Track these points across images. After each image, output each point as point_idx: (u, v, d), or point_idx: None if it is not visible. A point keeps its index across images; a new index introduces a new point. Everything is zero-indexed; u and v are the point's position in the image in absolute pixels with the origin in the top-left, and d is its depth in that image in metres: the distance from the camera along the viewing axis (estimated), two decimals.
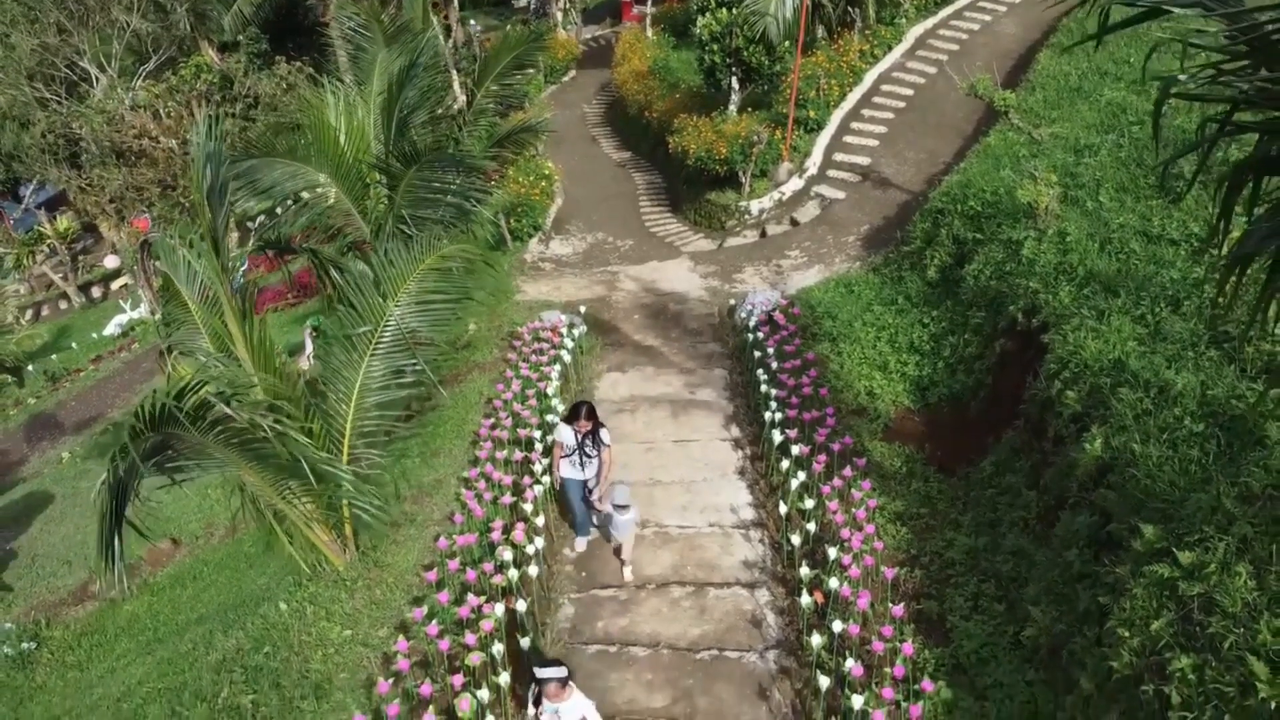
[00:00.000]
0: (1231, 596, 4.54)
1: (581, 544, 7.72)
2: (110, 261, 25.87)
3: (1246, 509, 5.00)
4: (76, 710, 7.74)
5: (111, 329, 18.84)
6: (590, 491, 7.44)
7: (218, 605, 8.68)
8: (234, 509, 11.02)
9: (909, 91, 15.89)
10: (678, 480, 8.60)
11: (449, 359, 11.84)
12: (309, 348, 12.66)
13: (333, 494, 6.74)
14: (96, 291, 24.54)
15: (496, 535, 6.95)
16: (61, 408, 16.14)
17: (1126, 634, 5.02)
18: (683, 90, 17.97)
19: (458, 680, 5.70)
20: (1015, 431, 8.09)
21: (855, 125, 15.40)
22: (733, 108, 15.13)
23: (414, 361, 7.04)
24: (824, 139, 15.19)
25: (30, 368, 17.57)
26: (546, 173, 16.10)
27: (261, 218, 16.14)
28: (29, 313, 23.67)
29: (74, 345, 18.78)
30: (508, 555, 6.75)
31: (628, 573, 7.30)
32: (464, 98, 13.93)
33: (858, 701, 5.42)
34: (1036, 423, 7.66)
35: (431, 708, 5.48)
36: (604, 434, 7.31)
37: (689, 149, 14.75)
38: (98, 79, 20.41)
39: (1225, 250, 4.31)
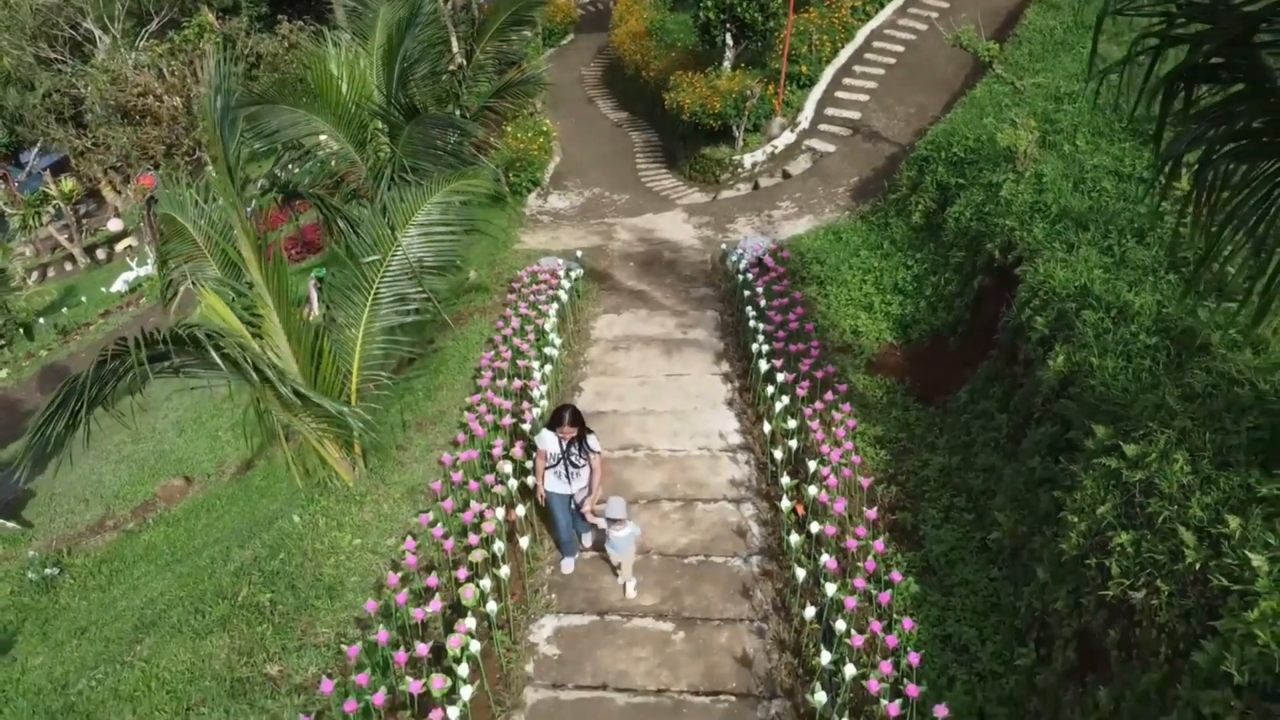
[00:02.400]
0: (1169, 480, 4.97)
1: (569, 565, 6.94)
2: (114, 224, 26.13)
3: (1187, 405, 5.43)
4: (101, 620, 8.20)
5: (119, 286, 19.20)
6: (579, 506, 6.80)
7: (232, 530, 9.12)
8: (244, 447, 11.56)
9: (900, 48, 16.17)
10: (669, 410, 9.02)
11: (451, 304, 12.26)
12: (314, 299, 13.04)
13: (338, 418, 7.14)
14: (101, 254, 24.82)
15: (497, 452, 7.38)
16: (72, 359, 16.56)
17: (1075, 519, 5.47)
18: (679, 50, 18.20)
19: (462, 574, 6.15)
20: (990, 361, 8.51)
21: (847, 81, 15.70)
22: (727, 64, 15.41)
23: (419, 290, 7.41)
24: (816, 94, 15.50)
25: (41, 320, 17.96)
26: (544, 129, 16.40)
27: (262, 181, 16.45)
28: (35, 274, 23.99)
29: (83, 300, 19.17)
30: (508, 468, 7.18)
31: (630, 589, 6.67)
32: (462, 60, 14.18)
33: (831, 589, 5.87)
34: (1009, 350, 8.07)
35: (437, 596, 5.92)
36: (592, 441, 6.60)
37: (684, 105, 15.05)
38: (101, 39, 20.61)
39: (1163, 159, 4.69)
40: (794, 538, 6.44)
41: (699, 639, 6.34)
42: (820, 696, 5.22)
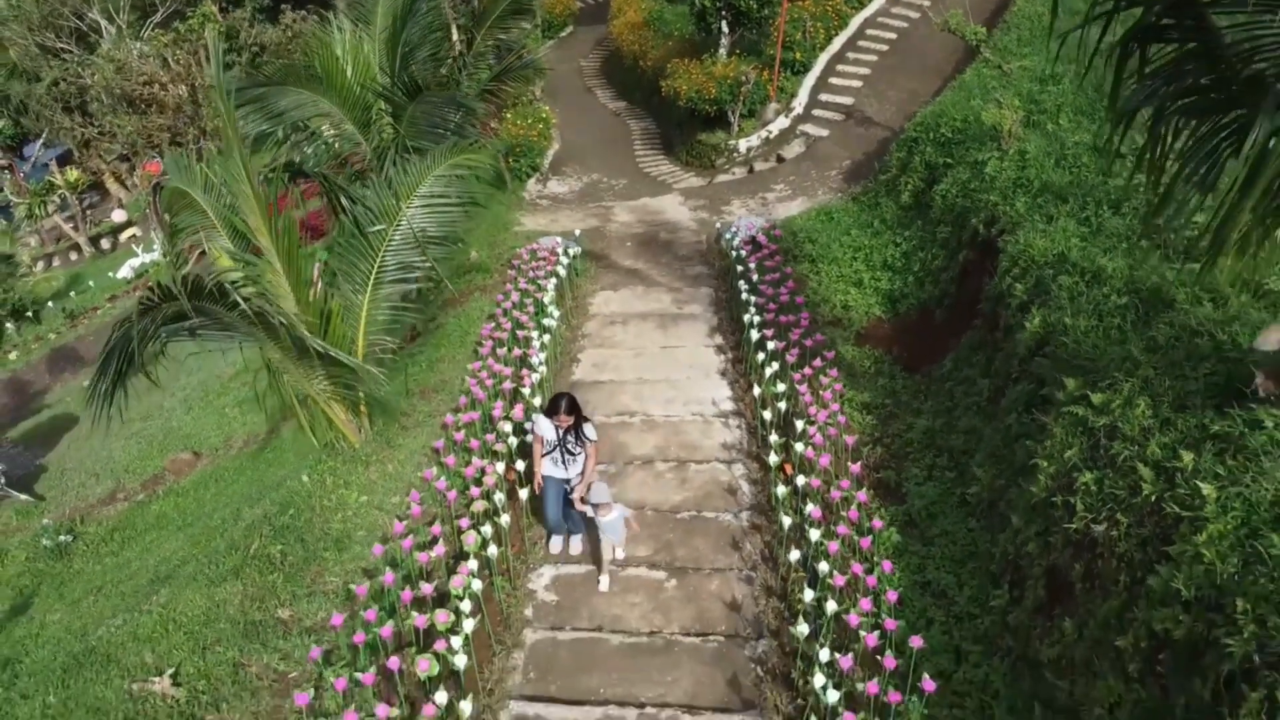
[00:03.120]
0: (1131, 424, 5.28)
1: (556, 544, 7.01)
2: (117, 215, 26.47)
3: (1151, 356, 5.74)
4: (117, 579, 8.52)
5: (125, 272, 19.51)
6: (570, 490, 6.75)
7: (242, 495, 9.43)
8: (250, 422, 11.87)
9: (892, 35, 16.48)
10: (664, 379, 9.32)
11: (453, 282, 12.56)
12: (318, 283, 13.38)
13: (347, 377, 7.44)
14: (105, 244, 25.16)
15: (497, 413, 7.69)
16: (80, 342, 16.87)
17: (1045, 464, 5.78)
18: (675, 39, 18.51)
19: (464, 524, 6.46)
20: (974, 330, 8.81)
21: (840, 67, 16.01)
22: (723, 51, 15.71)
23: (423, 259, 7.71)
24: (810, 80, 15.80)
25: (51, 304, 18.29)
26: (544, 116, 16.70)
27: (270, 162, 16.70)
28: (40, 263, 24.31)
29: (91, 284, 19.48)
30: (508, 428, 7.49)
31: (604, 582, 6.58)
32: (462, 48, 14.48)
33: (815, 534, 6.18)
34: (991, 318, 8.38)
35: (441, 541, 6.23)
36: (588, 429, 6.63)
37: (680, 91, 15.34)
38: (107, 30, 20.90)
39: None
40: (781, 489, 6.75)
41: (690, 586, 6.64)
42: (802, 629, 5.53)
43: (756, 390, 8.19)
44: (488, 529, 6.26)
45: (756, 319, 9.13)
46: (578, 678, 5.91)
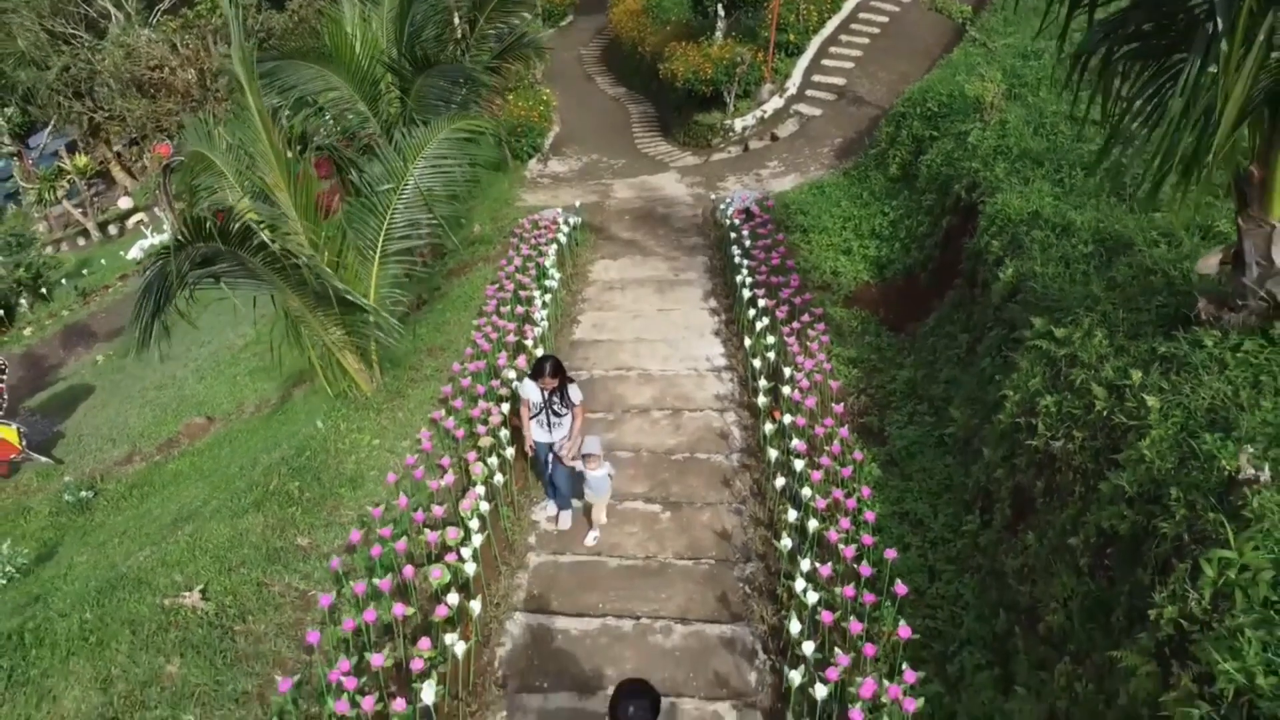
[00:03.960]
0: (1089, 352, 5.72)
1: (551, 508, 7.18)
2: (124, 202, 26.87)
3: (1110, 293, 6.19)
4: (141, 524, 8.94)
5: (134, 253, 19.91)
6: (556, 452, 6.80)
7: (258, 448, 9.85)
8: (262, 388, 12.30)
9: (884, 19, 16.91)
10: (660, 338, 9.76)
11: (456, 254, 13.01)
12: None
13: (360, 324, 7.88)
14: (113, 229, 25.57)
15: (502, 361, 8.13)
16: (93, 318, 17.31)
17: (1012, 393, 6.23)
18: (673, 24, 18.91)
19: (471, 457, 6.90)
20: (955, 290, 9.24)
21: (833, 49, 16.45)
22: (719, 34, 16.14)
23: (430, 215, 8.15)
24: (803, 62, 16.24)
25: (65, 281, 18.73)
26: (544, 98, 17.12)
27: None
28: (49, 248, 24.70)
29: (103, 262, 19.92)
30: (512, 374, 7.92)
31: (590, 537, 6.81)
32: (465, 30, 14.90)
33: (799, 465, 6.62)
34: (971, 275, 8.81)
35: (450, 471, 6.67)
36: (573, 391, 6.73)
37: (678, 73, 15.77)
38: (116, 17, 21.31)
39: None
40: (769, 427, 7.19)
41: (684, 518, 7.09)
42: (786, 543, 5.97)
43: (747, 342, 8.61)
44: (494, 460, 6.69)
45: (749, 279, 9.56)
46: (578, 595, 6.36)
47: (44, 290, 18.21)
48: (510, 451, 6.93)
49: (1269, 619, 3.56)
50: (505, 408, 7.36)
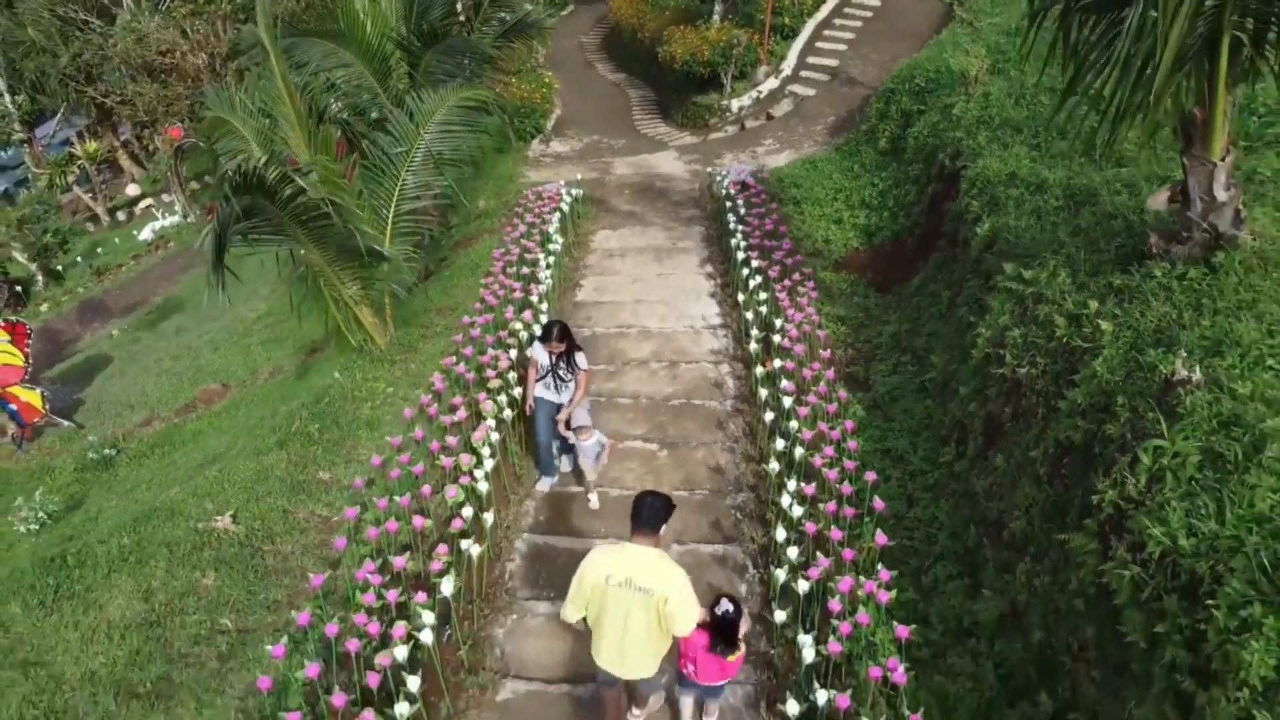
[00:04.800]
0: (1053, 289, 6.20)
1: (545, 485, 7.25)
2: (132, 189, 27.35)
3: (1075, 238, 6.67)
4: (165, 472, 9.43)
5: (146, 235, 20.40)
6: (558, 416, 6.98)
7: (277, 402, 10.33)
8: (275, 357, 12.77)
9: (877, 2, 17.39)
10: (659, 300, 10.23)
11: (461, 228, 13.50)
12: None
13: (376, 277, 8.35)
14: (122, 215, 26.03)
15: (509, 314, 8.61)
16: (107, 294, 17.78)
17: (984, 330, 6.71)
18: (672, 10, 19.36)
19: (482, 396, 7.37)
20: (939, 252, 9.71)
21: (827, 32, 16.92)
22: (716, 17, 16.61)
23: (440, 177, 8.62)
24: (798, 44, 16.72)
25: (80, 260, 19.23)
26: (546, 81, 17.60)
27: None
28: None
29: (116, 241, 20.39)
30: (518, 325, 8.41)
31: (594, 500, 6.99)
32: (468, 14, 15.35)
33: (787, 401, 7.11)
34: (953, 236, 9.28)
35: (463, 408, 7.15)
36: (579, 358, 6.89)
37: (676, 55, 16.24)
38: (126, 3, 21.74)
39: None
40: (759, 370, 7.68)
41: (680, 455, 7.57)
42: (773, 465, 6.46)
43: (741, 298, 9.08)
44: (502, 398, 7.17)
45: (743, 243, 10.04)
46: (581, 520, 6.85)
47: (59, 268, 18.68)
48: (518, 392, 7.38)
49: (1192, 492, 4.06)
50: (513, 354, 7.83)
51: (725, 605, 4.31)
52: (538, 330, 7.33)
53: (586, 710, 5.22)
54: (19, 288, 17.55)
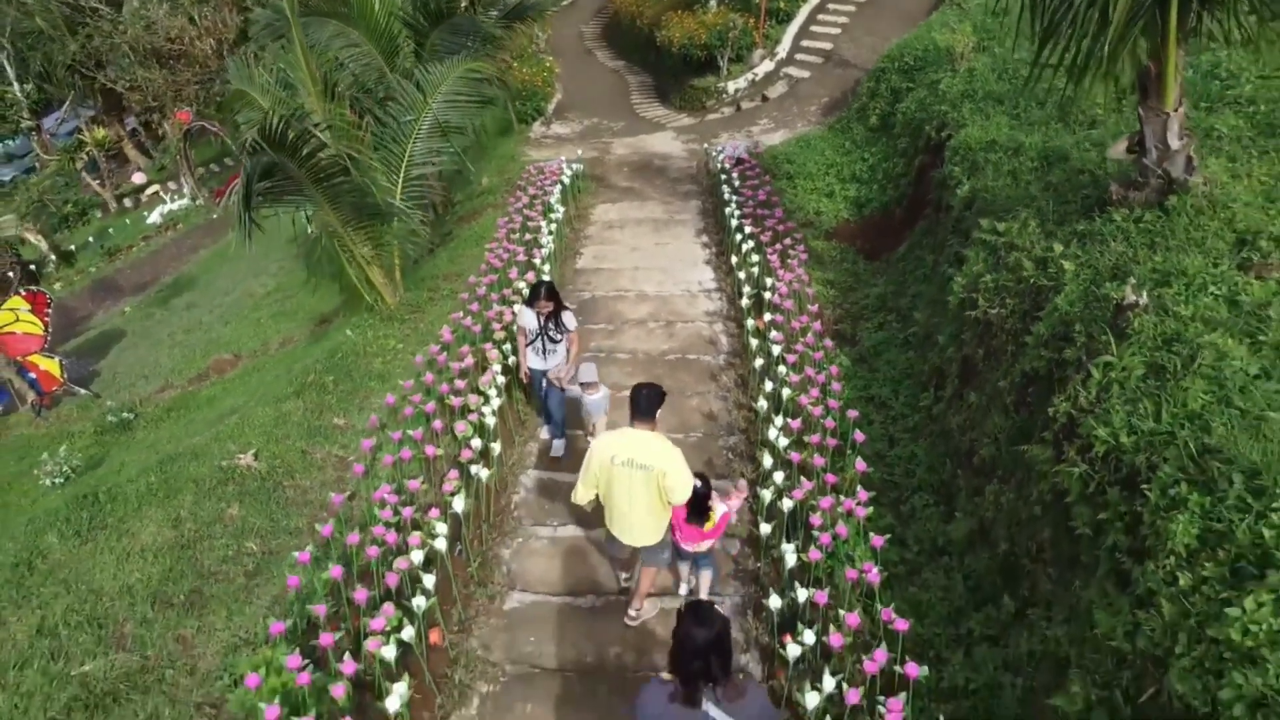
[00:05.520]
0: (1024, 238, 6.63)
1: (559, 448, 7.38)
2: (138, 178, 27.80)
3: (1046, 193, 7.10)
4: (185, 429, 9.86)
5: (154, 218, 20.85)
6: (551, 377, 7.06)
7: (291, 364, 10.75)
8: (285, 329, 13.20)
9: None
10: (656, 267, 10.66)
11: (465, 203, 13.92)
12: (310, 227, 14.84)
13: (387, 237, 8.76)
14: (129, 202, 26.49)
15: (513, 274, 9.04)
16: (119, 274, 18.23)
17: (960, 279, 7.14)
18: None
19: (488, 346, 7.81)
20: (925, 219, 10.14)
21: (821, 16, 17.35)
22: (713, 2, 17.03)
23: (447, 144, 9.05)
24: (793, 28, 17.14)
25: (92, 239, 19.68)
26: (547, 65, 18.02)
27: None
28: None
29: (127, 222, 20.83)
30: (522, 284, 8.84)
31: None
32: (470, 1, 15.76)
33: (776, 349, 7.53)
34: (938, 202, 9.71)
35: (470, 355, 7.58)
36: (567, 317, 6.93)
37: (674, 39, 16.67)
38: None
39: None
40: (750, 322, 8.11)
41: (675, 404, 7.94)
42: (762, 404, 6.89)
43: (734, 259, 9.51)
44: (507, 347, 7.61)
45: (737, 211, 10.47)
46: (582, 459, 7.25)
47: (71, 248, 19.12)
48: (523, 339, 7.80)
49: (1135, 398, 4.49)
50: (517, 308, 8.26)
51: (695, 482, 4.96)
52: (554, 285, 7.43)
53: (585, 618, 5.66)
54: (33, 266, 17.96)
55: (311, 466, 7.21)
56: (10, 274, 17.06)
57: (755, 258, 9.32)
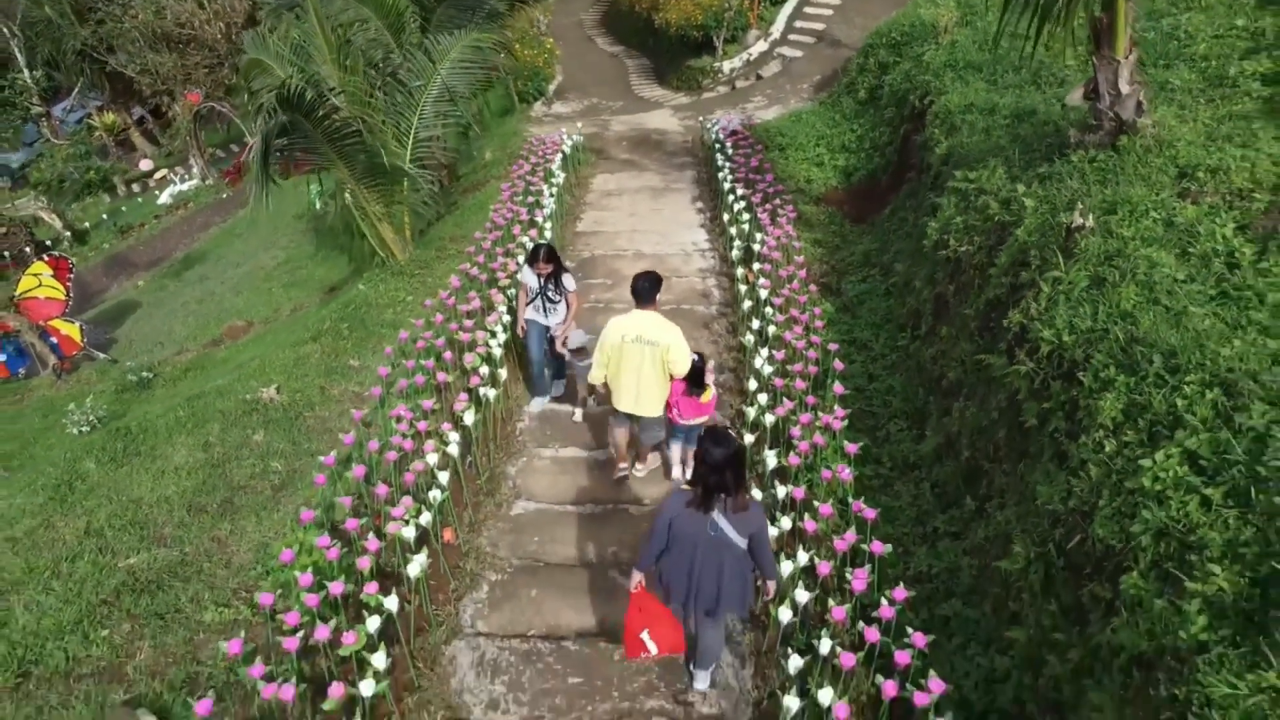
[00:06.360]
0: (991, 182, 7.14)
1: (537, 405, 7.62)
2: (145, 164, 28.28)
3: (1014, 143, 7.62)
4: (201, 383, 10.37)
5: (164, 199, 21.35)
6: (552, 336, 7.30)
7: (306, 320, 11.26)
8: (296, 297, 13.70)
9: None
10: (653, 230, 11.17)
11: (469, 177, 14.43)
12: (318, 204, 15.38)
13: (398, 197, 9.28)
14: (136, 188, 26.99)
15: (516, 231, 9.56)
16: (132, 250, 18.73)
17: (934, 224, 7.66)
18: None
19: (494, 291, 8.32)
20: (909, 184, 10.66)
21: None
22: None
23: (455, 109, 9.57)
24: (787, 9, 17.65)
25: (105, 216, 20.20)
26: (548, 47, 18.53)
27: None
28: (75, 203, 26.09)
29: (139, 200, 21.34)
30: (526, 240, 9.36)
31: (578, 414, 7.43)
32: None
33: (763, 293, 8.06)
34: (921, 165, 10.22)
35: (477, 298, 8.10)
36: (567, 280, 7.15)
37: (671, 21, 17.16)
38: None
39: None
40: (740, 271, 8.63)
41: None
42: (749, 338, 7.41)
43: (725, 217, 10.03)
44: (512, 292, 8.12)
45: (729, 176, 10.99)
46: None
47: (86, 226, 19.63)
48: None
49: (1078, 304, 5.02)
50: (521, 258, 8.78)
51: (693, 356, 5.80)
52: (555, 247, 7.91)
53: (583, 523, 6.18)
54: (48, 244, 18.45)
55: (329, 400, 7.73)
56: (27, 249, 17.58)
57: (746, 216, 9.83)
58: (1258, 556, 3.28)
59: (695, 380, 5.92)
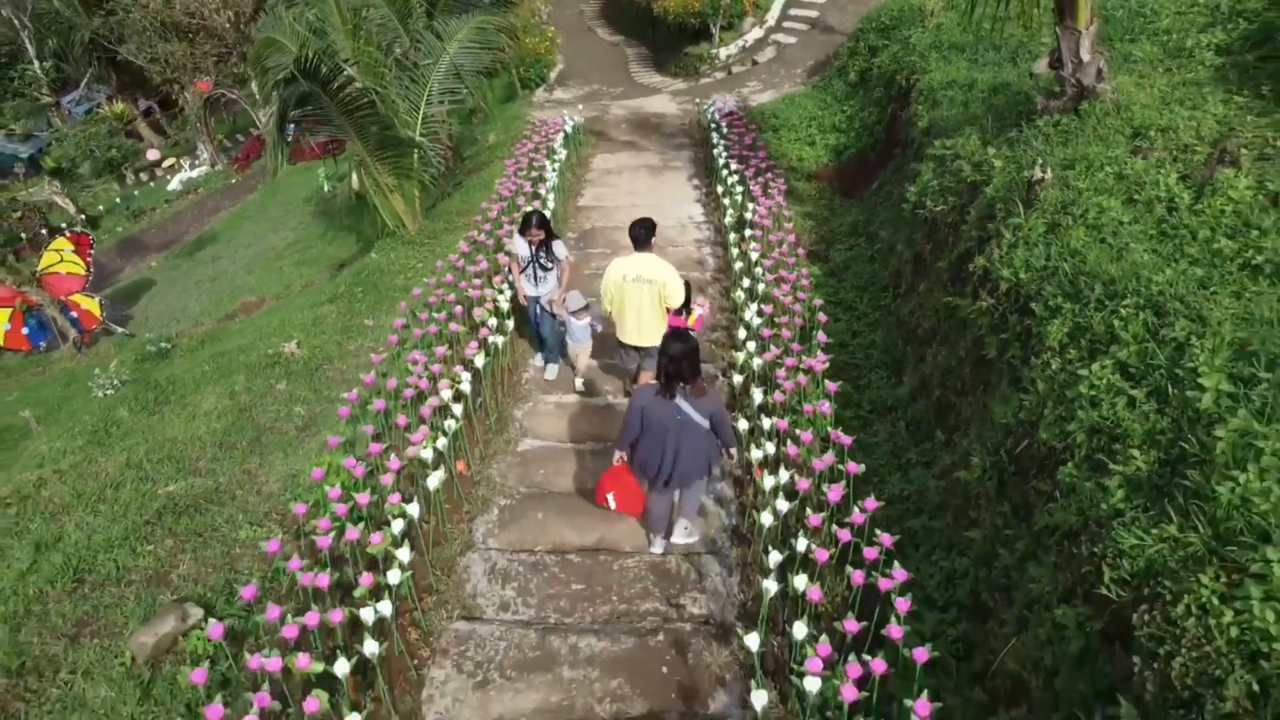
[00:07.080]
0: (966, 149, 7.64)
1: (551, 372, 7.85)
2: (152, 154, 28.80)
3: (988, 113, 8.13)
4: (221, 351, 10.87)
5: (174, 185, 21.85)
6: (545, 308, 7.45)
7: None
8: (307, 275, 14.19)
9: None
10: (651, 205, 11.65)
11: (473, 159, 14.93)
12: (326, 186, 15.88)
13: (408, 166, 9.78)
14: (145, 176, 27.49)
15: (521, 202, 10.07)
16: (144, 234, 19.24)
17: (913, 190, 8.17)
18: None
19: (500, 255, 8.83)
20: (895, 160, 11.16)
21: None
22: None
23: (461, 85, 10.07)
24: None
25: (119, 200, 20.69)
26: (549, 34, 19.03)
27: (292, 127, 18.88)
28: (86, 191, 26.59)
29: (152, 185, 21.84)
30: (529, 210, 9.86)
31: (579, 383, 7.56)
32: None
33: (754, 255, 8.57)
34: (906, 141, 10.73)
35: (484, 259, 8.60)
36: (558, 247, 7.30)
37: (669, 8, 17.66)
38: None
39: None
40: (733, 235, 9.14)
41: None
42: (740, 294, 7.93)
43: (720, 189, 10.54)
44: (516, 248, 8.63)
45: (724, 153, 11.49)
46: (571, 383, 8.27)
47: (100, 210, 20.13)
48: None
49: (1033, 246, 5.53)
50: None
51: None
52: (546, 215, 8.27)
53: (585, 458, 6.70)
54: (62, 226, 18.93)
55: (347, 355, 8.25)
56: (43, 231, 18.07)
57: (739, 188, 10.33)
58: (1170, 442, 3.79)
59: (685, 306, 6.67)
